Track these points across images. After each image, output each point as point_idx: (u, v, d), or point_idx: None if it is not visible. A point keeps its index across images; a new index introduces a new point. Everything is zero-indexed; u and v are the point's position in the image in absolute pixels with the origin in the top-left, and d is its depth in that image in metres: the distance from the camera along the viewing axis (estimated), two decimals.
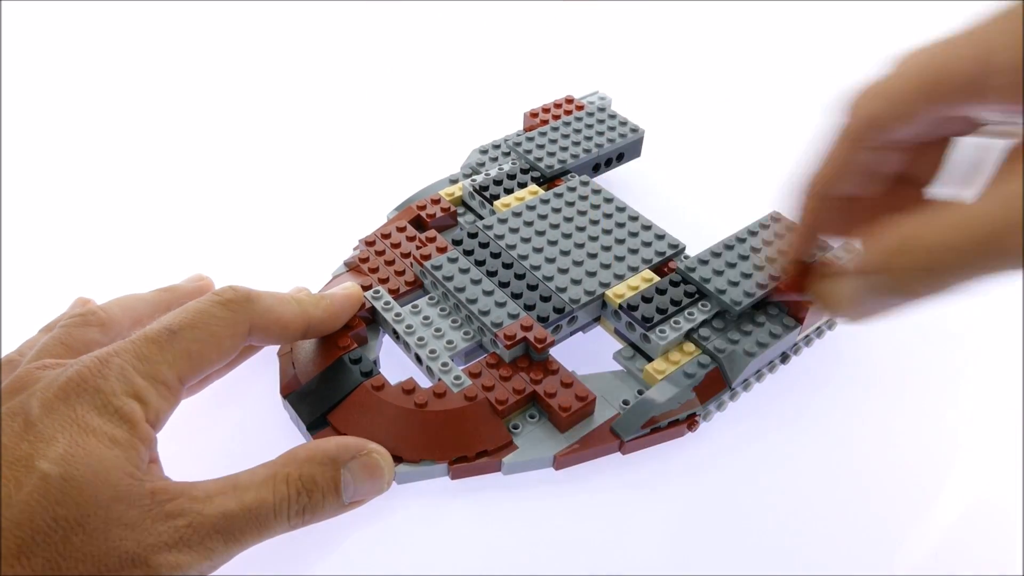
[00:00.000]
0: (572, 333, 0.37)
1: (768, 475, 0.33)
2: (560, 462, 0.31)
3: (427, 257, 0.37)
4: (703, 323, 0.35)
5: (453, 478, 0.31)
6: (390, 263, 0.38)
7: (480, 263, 0.37)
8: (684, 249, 0.39)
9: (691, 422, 0.33)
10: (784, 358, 0.37)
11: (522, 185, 0.43)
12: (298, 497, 0.25)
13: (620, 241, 0.38)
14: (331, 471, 0.26)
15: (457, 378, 0.32)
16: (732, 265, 0.37)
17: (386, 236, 0.39)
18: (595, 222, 0.39)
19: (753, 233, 0.39)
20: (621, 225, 0.39)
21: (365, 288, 0.36)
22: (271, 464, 0.26)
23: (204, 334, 0.27)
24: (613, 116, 0.47)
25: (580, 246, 0.38)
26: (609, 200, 0.41)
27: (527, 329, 0.33)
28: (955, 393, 0.37)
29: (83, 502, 0.22)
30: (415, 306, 0.36)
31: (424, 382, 0.34)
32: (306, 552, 0.30)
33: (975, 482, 0.34)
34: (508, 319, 0.34)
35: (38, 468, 0.22)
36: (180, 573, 0.23)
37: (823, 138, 0.25)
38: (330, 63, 0.63)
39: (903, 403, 0.37)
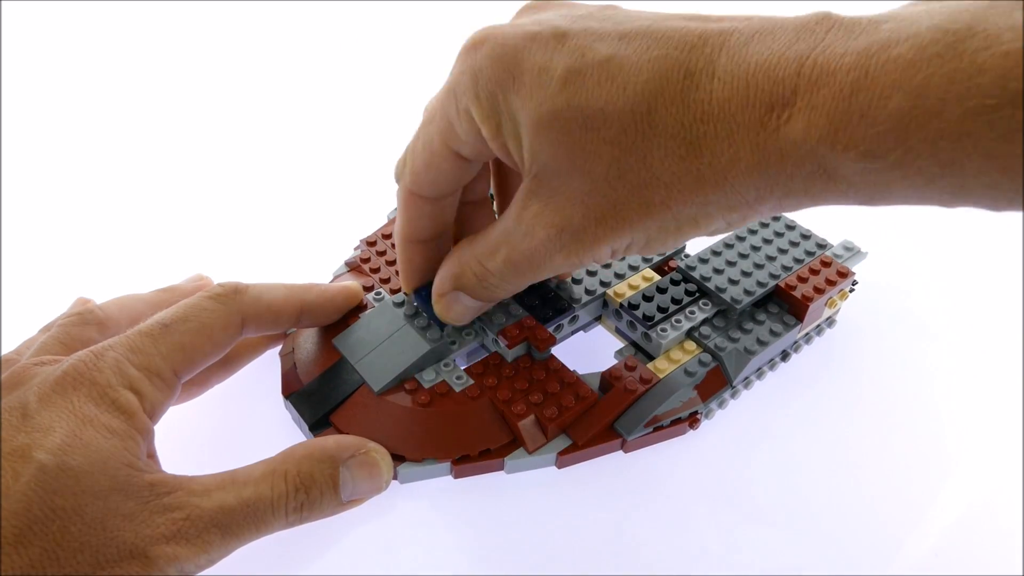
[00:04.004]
0: (573, 332, 0.37)
1: (770, 472, 0.33)
2: (563, 461, 0.31)
3: None
4: (704, 321, 0.35)
5: (456, 477, 0.31)
6: (391, 263, 0.38)
7: None
8: (684, 247, 0.39)
9: (693, 420, 0.33)
10: (785, 356, 0.37)
11: None
12: (296, 494, 0.25)
13: None
14: (329, 468, 0.26)
15: (459, 377, 0.32)
16: (732, 263, 0.37)
17: (387, 236, 0.39)
18: None
19: (752, 231, 0.39)
20: None
21: (367, 289, 0.36)
22: (270, 461, 0.26)
23: (196, 326, 0.27)
24: None
25: None
26: None
27: (529, 329, 0.33)
28: (956, 391, 0.37)
29: (80, 492, 0.22)
30: None
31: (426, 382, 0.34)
32: (307, 551, 0.30)
33: (976, 481, 0.34)
34: (510, 318, 0.34)
35: (35, 459, 0.22)
36: (177, 565, 0.23)
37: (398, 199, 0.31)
38: (331, 63, 0.63)
39: (904, 401, 0.37)
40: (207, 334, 0.27)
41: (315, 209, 0.47)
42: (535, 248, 0.26)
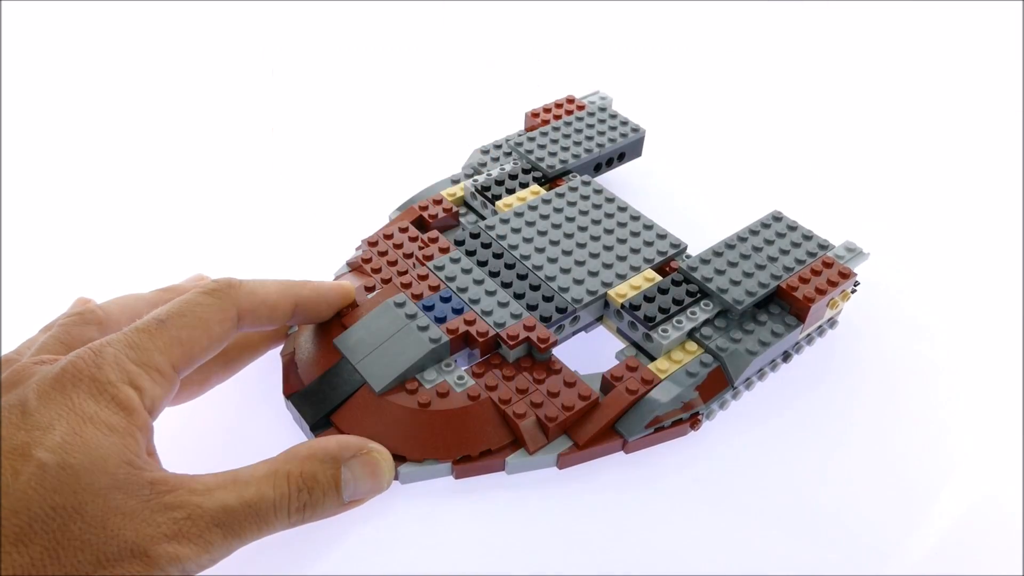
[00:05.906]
0: (575, 333, 0.37)
1: (770, 473, 0.33)
2: (563, 461, 0.31)
3: (430, 257, 0.37)
4: (705, 322, 0.35)
5: (457, 477, 0.31)
6: (392, 263, 0.38)
7: (482, 263, 0.37)
8: (686, 248, 0.39)
9: (694, 421, 0.33)
10: (786, 356, 0.37)
11: (524, 185, 0.43)
12: (298, 494, 0.25)
13: (622, 241, 0.38)
14: (331, 469, 0.26)
15: (460, 378, 0.32)
16: (734, 264, 0.37)
17: (388, 236, 0.39)
18: (597, 222, 0.39)
19: (754, 232, 0.39)
20: (623, 225, 0.39)
21: (368, 289, 0.36)
22: (272, 461, 0.26)
23: (192, 320, 0.27)
24: (614, 116, 0.47)
25: (582, 246, 0.38)
26: (611, 200, 0.41)
27: (530, 329, 0.33)
28: (957, 392, 0.37)
29: (80, 490, 0.22)
30: None
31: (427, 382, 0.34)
32: (308, 551, 0.30)
33: (976, 482, 0.34)
34: (511, 319, 0.34)
35: (35, 457, 0.22)
36: (179, 565, 0.22)
37: None
38: (332, 63, 0.63)
39: (905, 402, 0.37)
40: (203, 328, 0.28)
41: (316, 209, 0.47)
42: None
